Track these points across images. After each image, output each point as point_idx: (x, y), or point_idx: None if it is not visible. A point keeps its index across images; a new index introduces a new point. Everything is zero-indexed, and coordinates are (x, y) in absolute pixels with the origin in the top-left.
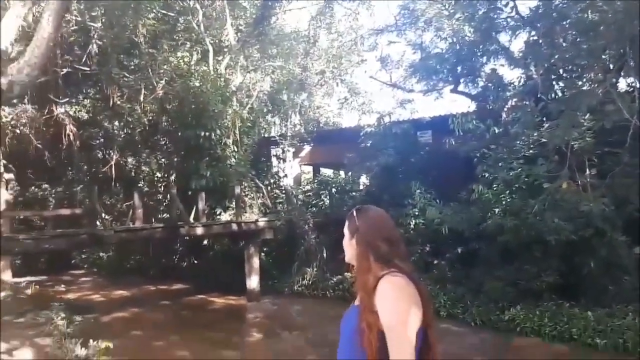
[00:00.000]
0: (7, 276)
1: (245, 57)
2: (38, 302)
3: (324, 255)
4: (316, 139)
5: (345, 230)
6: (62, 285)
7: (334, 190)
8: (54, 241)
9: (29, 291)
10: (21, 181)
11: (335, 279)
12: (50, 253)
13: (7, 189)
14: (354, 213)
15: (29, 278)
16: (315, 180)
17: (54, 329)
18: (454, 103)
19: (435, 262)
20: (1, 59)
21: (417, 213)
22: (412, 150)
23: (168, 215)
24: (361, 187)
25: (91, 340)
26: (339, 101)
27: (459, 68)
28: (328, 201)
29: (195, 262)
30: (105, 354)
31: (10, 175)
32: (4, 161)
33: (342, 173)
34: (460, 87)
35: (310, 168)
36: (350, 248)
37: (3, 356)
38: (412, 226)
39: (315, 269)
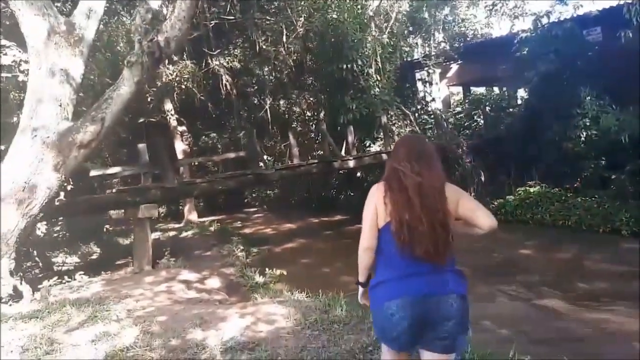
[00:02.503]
0: (194, 216)
1: None
2: (220, 237)
3: (482, 179)
4: (464, 55)
5: None
6: (239, 222)
7: (488, 108)
8: (225, 182)
9: (212, 228)
10: (192, 132)
11: (496, 203)
12: (227, 194)
13: (182, 140)
14: None
15: (211, 217)
16: (466, 100)
17: (236, 260)
18: None
19: (613, 176)
20: (153, 19)
21: (587, 123)
22: (578, 52)
23: (321, 152)
24: (519, 102)
25: (267, 269)
26: (487, 9)
27: None
28: (482, 121)
29: (351, 194)
30: (280, 280)
31: (183, 128)
32: (176, 115)
33: (495, 89)
34: None
35: (459, 88)
36: None
37: (196, 284)
38: (582, 138)
39: (472, 194)
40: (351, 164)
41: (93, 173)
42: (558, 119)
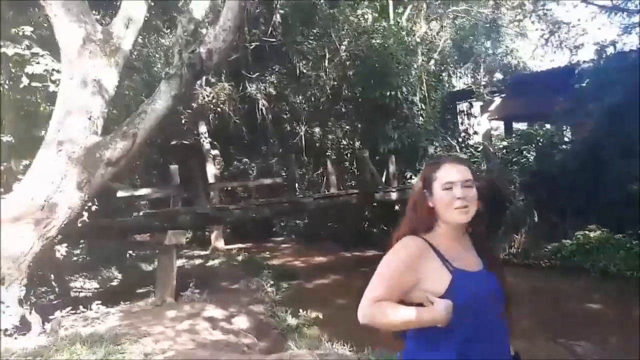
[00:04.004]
0: (221, 244)
1: (427, 4)
2: (248, 268)
3: (535, 219)
4: (509, 88)
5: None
6: (267, 252)
7: (540, 144)
8: (260, 210)
9: (239, 258)
10: (225, 156)
11: (550, 247)
12: (255, 221)
13: (214, 164)
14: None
15: (238, 245)
16: (514, 135)
17: (265, 296)
18: None
19: None
20: (198, 30)
21: None
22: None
23: (354, 182)
24: (567, 139)
25: (301, 310)
26: (543, 37)
27: None
28: (532, 157)
29: (385, 228)
30: (315, 323)
31: (216, 152)
32: (209, 139)
33: (536, 126)
34: None
35: (500, 123)
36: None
37: (222, 323)
38: None
39: (524, 235)
40: (394, 196)
41: (120, 194)
42: (622, 158)
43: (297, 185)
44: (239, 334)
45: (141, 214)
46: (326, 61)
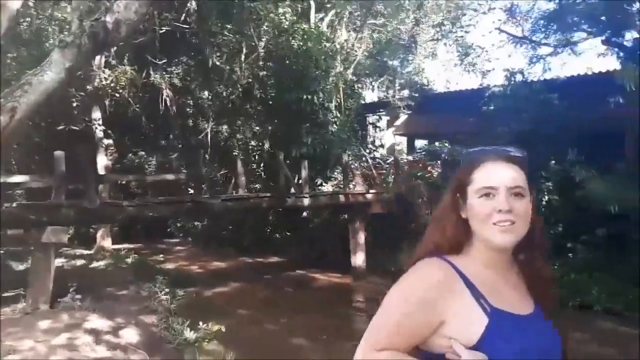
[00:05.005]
0: (107, 243)
1: (349, 13)
2: (139, 272)
3: None
4: (414, 106)
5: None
6: (160, 254)
7: (446, 160)
8: (158, 208)
9: (129, 260)
10: (119, 147)
11: None
12: (149, 221)
13: (106, 154)
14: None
15: (126, 245)
16: (418, 150)
17: (158, 305)
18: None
19: (569, 245)
20: None
21: (550, 187)
22: (544, 115)
23: (260, 185)
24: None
25: (200, 322)
26: (456, 59)
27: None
28: (436, 173)
29: (288, 234)
30: (217, 337)
31: (110, 141)
32: (103, 127)
33: (437, 143)
34: None
35: (403, 139)
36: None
37: (107, 336)
38: (543, 203)
39: None
40: (306, 202)
41: None
42: None
43: (205, 183)
44: (127, 349)
45: (14, 205)
46: (243, 56)
